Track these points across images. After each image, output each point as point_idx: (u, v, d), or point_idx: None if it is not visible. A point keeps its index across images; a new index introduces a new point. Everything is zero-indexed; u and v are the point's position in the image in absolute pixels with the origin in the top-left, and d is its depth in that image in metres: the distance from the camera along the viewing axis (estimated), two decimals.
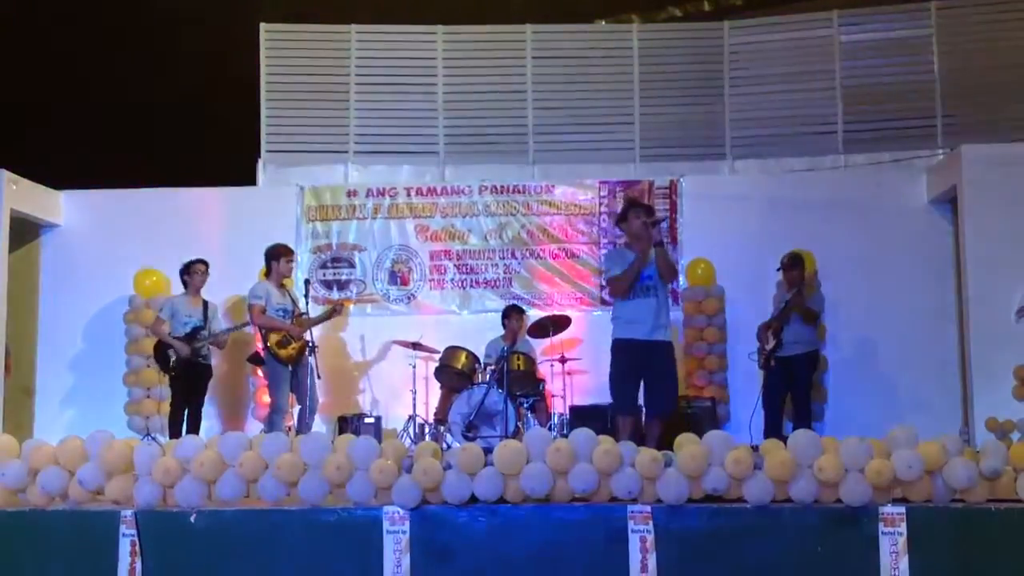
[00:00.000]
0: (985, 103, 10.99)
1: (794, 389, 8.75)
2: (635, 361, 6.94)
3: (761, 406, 8.78)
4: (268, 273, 8.68)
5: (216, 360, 9.36)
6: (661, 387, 6.98)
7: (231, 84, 12.50)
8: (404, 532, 4.57)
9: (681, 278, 10.55)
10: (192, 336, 8.88)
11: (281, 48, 11.63)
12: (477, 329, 10.15)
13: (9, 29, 13.54)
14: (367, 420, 9.52)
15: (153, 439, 8.74)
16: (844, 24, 11.36)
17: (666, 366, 6.97)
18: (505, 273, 10.75)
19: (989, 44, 11.11)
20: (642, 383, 7.01)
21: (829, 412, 9.93)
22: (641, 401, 7.11)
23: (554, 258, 10.72)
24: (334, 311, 9.09)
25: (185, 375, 8.90)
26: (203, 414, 9.14)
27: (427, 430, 9.45)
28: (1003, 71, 10.97)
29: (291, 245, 9.07)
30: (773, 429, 8.52)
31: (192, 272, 9.08)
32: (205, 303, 9.13)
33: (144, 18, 14.12)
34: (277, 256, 8.65)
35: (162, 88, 14.13)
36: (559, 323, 9.55)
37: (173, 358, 8.85)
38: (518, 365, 9.23)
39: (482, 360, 9.55)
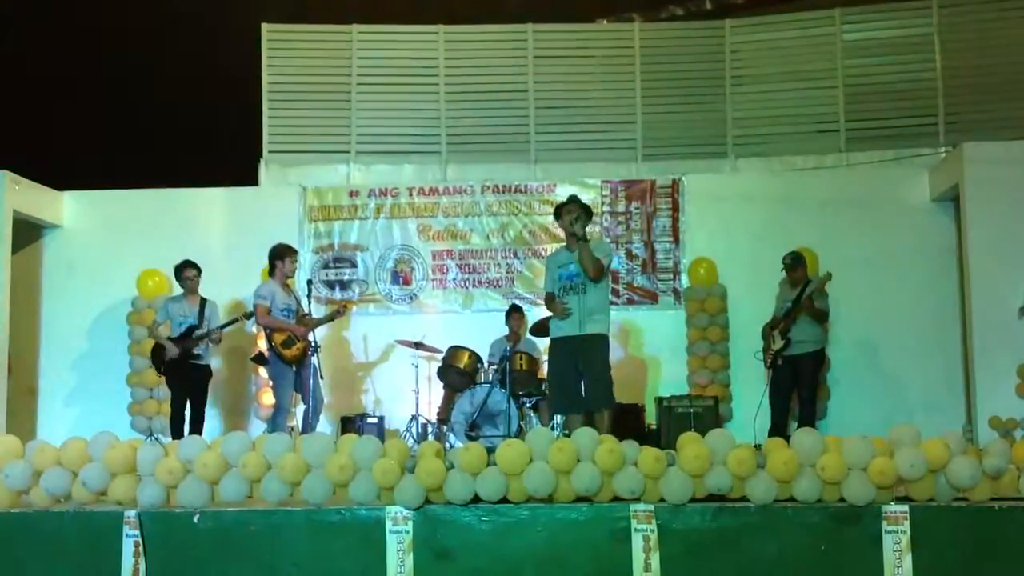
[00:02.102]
0: (987, 101, 10.99)
1: (801, 388, 8.74)
2: (569, 358, 7.00)
3: (768, 404, 8.78)
4: (272, 272, 8.70)
5: (217, 361, 9.36)
6: (590, 382, 6.96)
7: (233, 84, 12.51)
8: (407, 532, 4.57)
9: (683, 277, 10.56)
10: (186, 336, 8.88)
11: (283, 48, 11.63)
12: (480, 329, 10.15)
13: (10, 31, 13.55)
14: (370, 420, 9.54)
15: (156, 440, 8.73)
16: (846, 22, 11.36)
17: (594, 360, 6.94)
18: (507, 273, 10.76)
19: (991, 42, 11.12)
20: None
21: (832, 410, 9.93)
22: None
23: None
24: (338, 312, 9.09)
25: (178, 376, 8.90)
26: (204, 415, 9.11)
27: (430, 430, 9.45)
28: (1005, 69, 10.97)
29: (294, 245, 9.08)
30: (779, 428, 8.52)
31: (183, 277, 9.06)
32: (203, 301, 9.11)
33: (146, 18, 14.14)
34: (282, 256, 8.67)
35: (164, 88, 14.15)
36: None
37: (166, 359, 8.88)
38: (521, 365, 9.24)
39: (485, 360, 9.55)
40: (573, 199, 7.32)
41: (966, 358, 9.81)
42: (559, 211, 7.18)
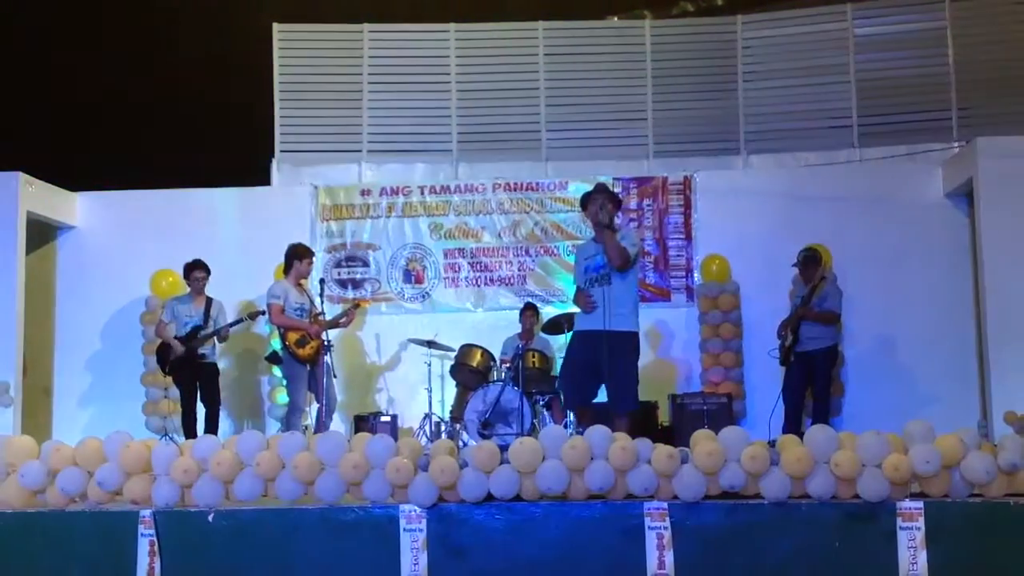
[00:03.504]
0: (1000, 95, 10.94)
1: (813, 385, 8.72)
2: (589, 353, 6.60)
3: (782, 402, 8.76)
4: (287, 271, 8.71)
5: (230, 361, 9.37)
6: (613, 383, 6.59)
7: (245, 84, 12.54)
8: (421, 530, 4.58)
9: (696, 274, 10.55)
10: (191, 335, 8.90)
11: (294, 48, 11.65)
12: (492, 327, 10.17)
13: (24, 32, 13.61)
14: (383, 419, 9.54)
15: (171, 439, 8.78)
16: (858, 17, 11.31)
17: (618, 359, 6.51)
18: (519, 271, 10.76)
19: (1003, 36, 11.07)
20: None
21: (846, 407, 9.90)
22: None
23: (568, 255, 10.70)
24: (347, 315, 9.00)
25: (185, 375, 8.92)
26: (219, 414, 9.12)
27: (443, 428, 9.46)
28: (1018, 63, 10.93)
29: (311, 247, 9.09)
30: (793, 425, 8.50)
31: (191, 277, 9.04)
32: (209, 301, 9.10)
33: (157, 18, 14.19)
34: (300, 256, 8.68)
35: (175, 88, 14.19)
36: (574, 321, 9.51)
37: (171, 359, 8.89)
38: (533, 363, 9.23)
39: (498, 358, 9.56)
40: (600, 187, 7.11)
41: (980, 353, 9.78)
42: (585, 201, 6.87)
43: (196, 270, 9.05)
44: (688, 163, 11.09)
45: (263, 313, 8.96)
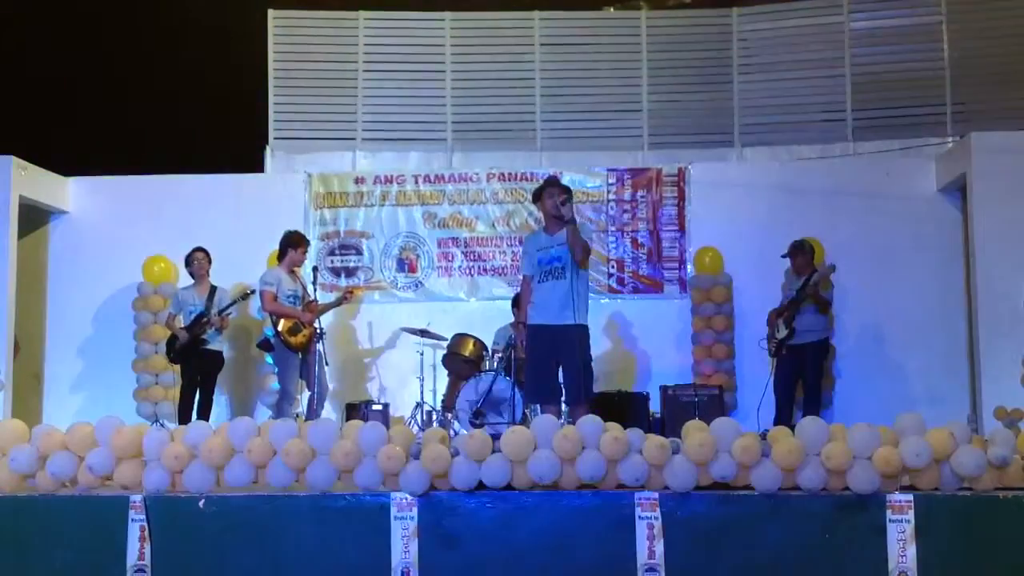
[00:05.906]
0: (995, 91, 10.95)
1: (805, 377, 8.75)
2: (546, 347, 6.73)
3: (772, 393, 8.78)
4: (280, 258, 8.71)
5: (223, 347, 9.39)
6: (569, 374, 6.72)
7: (239, 71, 12.51)
8: (412, 518, 4.58)
9: (689, 266, 10.55)
10: (194, 323, 8.94)
11: (289, 34, 11.60)
12: (485, 316, 10.15)
13: (17, 18, 13.55)
14: (375, 407, 9.53)
15: (162, 425, 8.80)
16: (854, 11, 11.30)
17: (574, 352, 6.65)
18: (513, 260, 10.74)
19: (999, 31, 11.07)
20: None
21: (837, 400, 9.92)
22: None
23: None
24: (344, 298, 9.13)
25: (189, 362, 8.99)
26: (212, 400, 9.16)
27: (434, 417, 9.46)
28: (1013, 58, 10.93)
29: (302, 233, 9.10)
30: (783, 417, 8.52)
31: (191, 261, 9.21)
32: (213, 289, 9.19)
33: (155, 5, 14.15)
34: (295, 244, 8.69)
35: (170, 75, 14.15)
36: None
37: (176, 346, 9.01)
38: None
39: (491, 347, 9.56)
40: (553, 180, 7.15)
41: (971, 348, 9.80)
42: (539, 194, 6.93)
43: (196, 252, 9.21)
44: (682, 155, 11.08)
45: (253, 292, 9.01)
